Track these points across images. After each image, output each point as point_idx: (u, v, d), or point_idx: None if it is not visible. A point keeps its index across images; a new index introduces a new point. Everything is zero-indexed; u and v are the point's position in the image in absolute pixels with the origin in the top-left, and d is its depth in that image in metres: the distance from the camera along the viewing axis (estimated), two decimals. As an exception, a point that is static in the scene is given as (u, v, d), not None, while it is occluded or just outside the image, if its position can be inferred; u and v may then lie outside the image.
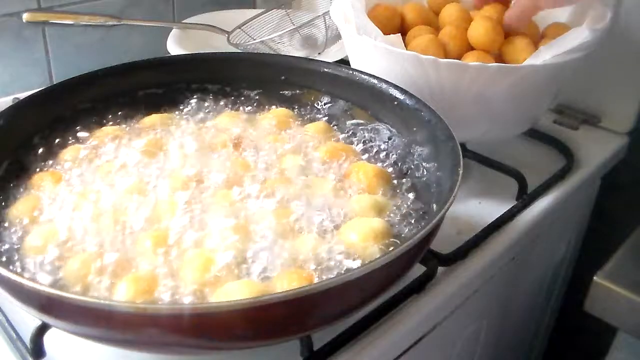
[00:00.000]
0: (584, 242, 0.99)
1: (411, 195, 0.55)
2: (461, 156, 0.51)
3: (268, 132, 0.63)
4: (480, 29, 0.69)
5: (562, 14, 0.75)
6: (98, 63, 0.68)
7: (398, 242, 0.49)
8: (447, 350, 0.70)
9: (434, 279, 0.58)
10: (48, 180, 0.55)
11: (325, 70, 0.68)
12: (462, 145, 0.58)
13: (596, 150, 0.83)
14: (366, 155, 0.61)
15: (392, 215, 0.53)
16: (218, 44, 0.96)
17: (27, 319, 0.49)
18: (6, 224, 0.51)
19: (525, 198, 0.70)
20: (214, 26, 0.99)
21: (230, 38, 0.96)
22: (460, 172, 0.49)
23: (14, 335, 0.49)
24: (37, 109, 0.61)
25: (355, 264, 0.47)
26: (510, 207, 0.69)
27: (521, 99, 0.67)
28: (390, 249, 0.46)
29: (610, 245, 0.59)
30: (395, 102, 0.62)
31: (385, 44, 0.65)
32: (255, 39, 0.95)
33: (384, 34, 0.67)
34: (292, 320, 0.41)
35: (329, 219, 0.51)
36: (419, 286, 0.56)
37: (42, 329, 0.46)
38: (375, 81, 0.64)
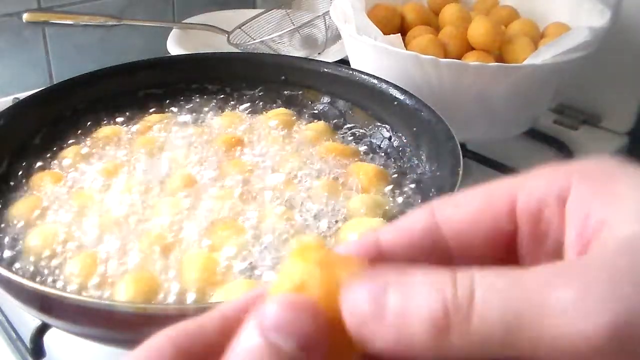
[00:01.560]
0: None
1: (411, 195, 0.55)
2: (461, 156, 0.51)
3: (268, 133, 0.63)
4: (480, 29, 0.69)
5: (562, 14, 0.75)
6: (98, 63, 0.68)
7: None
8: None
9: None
10: (48, 181, 0.55)
11: (325, 70, 0.68)
12: (462, 145, 0.58)
13: (596, 150, 0.83)
14: (366, 156, 0.61)
15: (392, 215, 0.53)
16: (218, 44, 0.96)
17: (27, 319, 0.49)
18: (6, 224, 0.51)
19: (525, 198, 0.70)
20: (214, 26, 0.99)
21: (230, 38, 0.96)
22: (460, 172, 0.49)
23: (14, 335, 0.49)
24: (37, 109, 0.61)
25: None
26: (510, 207, 0.68)
27: (521, 99, 0.67)
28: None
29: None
30: (395, 102, 0.62)
31: (385, 44, 0.65)
32: (255, 39, 0.95)
33: (384, 34, 0.67)
34: (292, 320, 0.41)
35: (329, 219, 0.51)
36: (419, 286, 0.56)
37: (42, 329, 0.46)
38: (375, 81, 0.64)
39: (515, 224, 0.22)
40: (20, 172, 0.57)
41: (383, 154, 0.62)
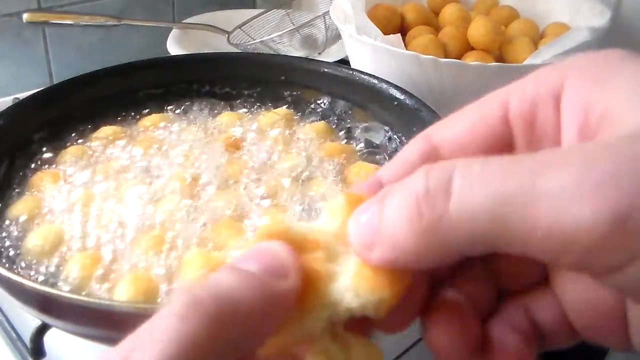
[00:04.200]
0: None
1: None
2: (461, 156, 0.51)
3: (268, 133, 0.63)
4: (480, 29, 0.69)
5: (562, 14, 0.75)
6: (98, 63, 0.68)
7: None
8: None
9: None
10: (48, 180, 0.55)
11: (325, 70, 0.68)
12: (462, 145, 0.58)
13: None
14: (366, 156, 0.61)
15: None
16: (218, 44, 0.96)
17: (27, 319, 0.49)
18: (6, 224, 0.51)
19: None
20: (214, 26, 0.99)
21: (230, 38, 0.96)
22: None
23: (14, 335, 0.49)
24: (37, 109, 0.61)
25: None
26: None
27: (521, 99, 0.67)
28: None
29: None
30: (395, 102, 0.62)
31: (385, 44, 0.65)
32: (255, 39, 0.95)
33: (384, 34, 0.67)
34: (292, 320, 0.41)
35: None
36: (419, 286, 0.56)
37: (42, 329, 0.46)
38: (375, 81, 0.64)
39: (510, 131, 0.21)
40: (20, 172, 0.57)
41: (383, 154, 0.62)
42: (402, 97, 0.61)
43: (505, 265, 0.23)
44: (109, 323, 0.39)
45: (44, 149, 0.60)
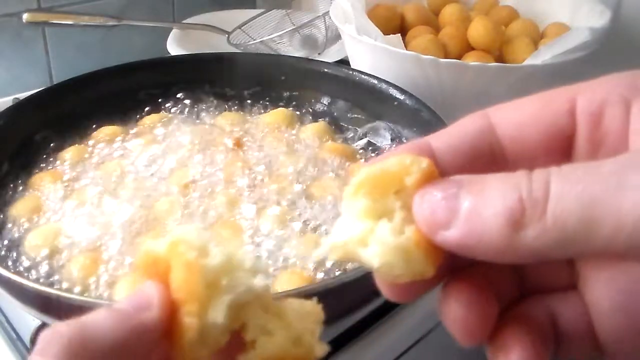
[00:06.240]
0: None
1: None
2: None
3: (268, 132, 0.63)
4: (480, 29, 0.69)
5: (562, 14, 0.75)
6: (98, 63, 0.68)
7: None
8: (448, 350, 0.70)
9: (434, 279, 0.57)
10: (48, 180, 0.55)
11: (325, 70, 0.68)
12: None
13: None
14: (366, 156, 0.61)
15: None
16: (218, 44, 0.96)
17: (27, 319, 0.49)
18: (6, 224, 0.51)
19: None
20: (214, 26, 0.99)
21: (230, 38, 0.96)
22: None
23: (14, 335, 0.49)
24: (37, 109, 0.61)
25: (355, 264, 0.47)
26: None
27: (521, 99, 0.67)
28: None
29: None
30: (395, 102, 0.62)
31: (385, 44, 0.65)
32: (255, 39, 0.95)
33: (384, 34, 0.67)
34: (292, 321, 0.41)
35: (329, 220, 0.51)
36: (419, 286, 0.56)
37: (42, 329, 0.46)
38: (375, 81, 0.64)
39: (574, 125, 0.22)
40: (20, 172, 0.57)
41: (383, 154, 0.62)
42: (402, 97, 0.61)
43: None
44: (109, 323, 0.39)
45: (44, 149, 0.60)
